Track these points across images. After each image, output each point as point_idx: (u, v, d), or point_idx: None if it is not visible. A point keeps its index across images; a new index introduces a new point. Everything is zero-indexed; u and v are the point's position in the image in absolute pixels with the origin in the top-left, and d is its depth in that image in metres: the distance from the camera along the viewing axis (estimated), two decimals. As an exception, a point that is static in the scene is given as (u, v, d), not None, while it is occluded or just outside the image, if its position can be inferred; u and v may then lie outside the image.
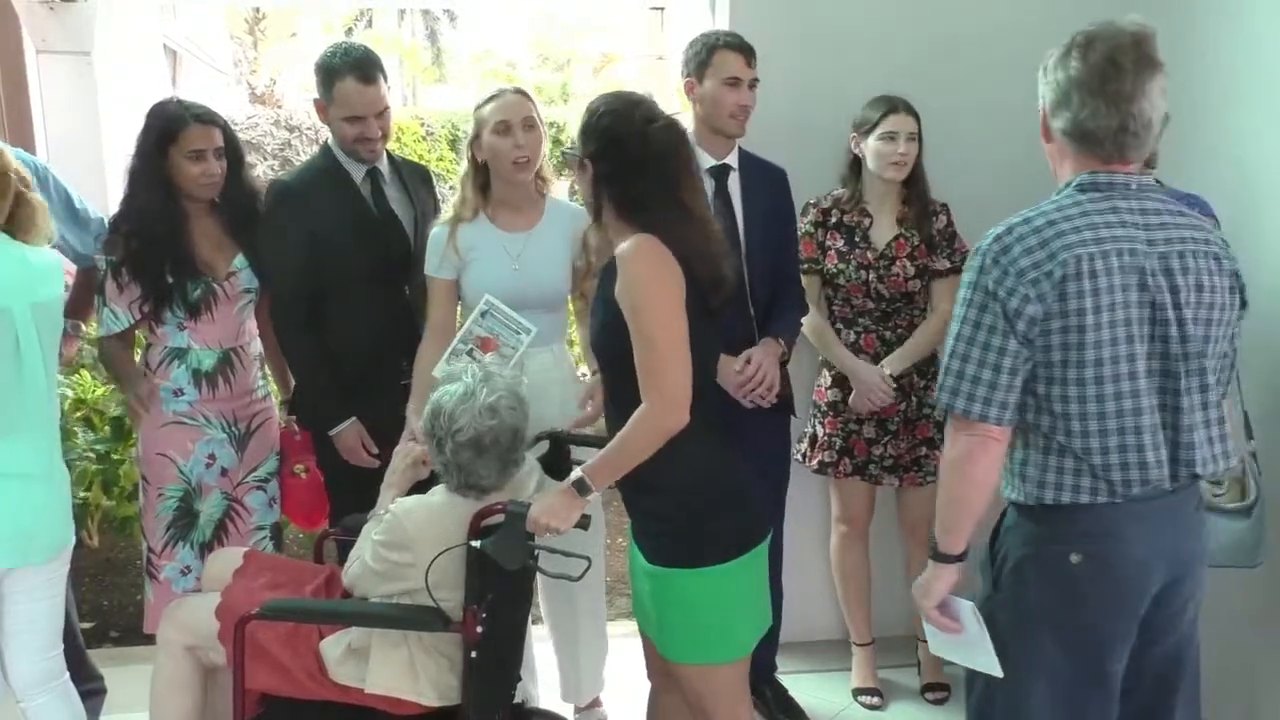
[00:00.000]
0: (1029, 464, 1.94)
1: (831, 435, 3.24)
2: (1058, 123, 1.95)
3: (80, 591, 3.88)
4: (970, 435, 1.90)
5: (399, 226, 2.96)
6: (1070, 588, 1.91)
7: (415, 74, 25.50)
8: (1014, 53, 3.38)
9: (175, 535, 2.92)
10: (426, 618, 2.24)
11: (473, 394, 2.27)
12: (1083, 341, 1.85)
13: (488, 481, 2.30)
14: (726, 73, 2.87)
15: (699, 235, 2.14)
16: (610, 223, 2.17)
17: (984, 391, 1.87)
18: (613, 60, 24.70)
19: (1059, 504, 1.91)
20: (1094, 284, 1.83)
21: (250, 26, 21.76)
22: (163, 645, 2.50)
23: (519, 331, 2.70)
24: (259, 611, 2.28)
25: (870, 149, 3.08)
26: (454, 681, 2.30)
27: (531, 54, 28.20)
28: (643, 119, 2.14)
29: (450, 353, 2.70)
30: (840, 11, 3.35)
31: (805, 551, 3.45)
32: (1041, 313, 1.84)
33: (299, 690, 2.34)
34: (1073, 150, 1.95)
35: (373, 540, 2.31)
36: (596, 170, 2.14)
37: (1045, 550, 1.94)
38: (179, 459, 2.90)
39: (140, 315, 2.84)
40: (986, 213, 3.11)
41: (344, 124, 2.83)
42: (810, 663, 3.50)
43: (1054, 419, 1.90)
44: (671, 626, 2.21)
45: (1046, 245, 1.85)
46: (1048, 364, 1.88)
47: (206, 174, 2.79)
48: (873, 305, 3.15)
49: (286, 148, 11.56)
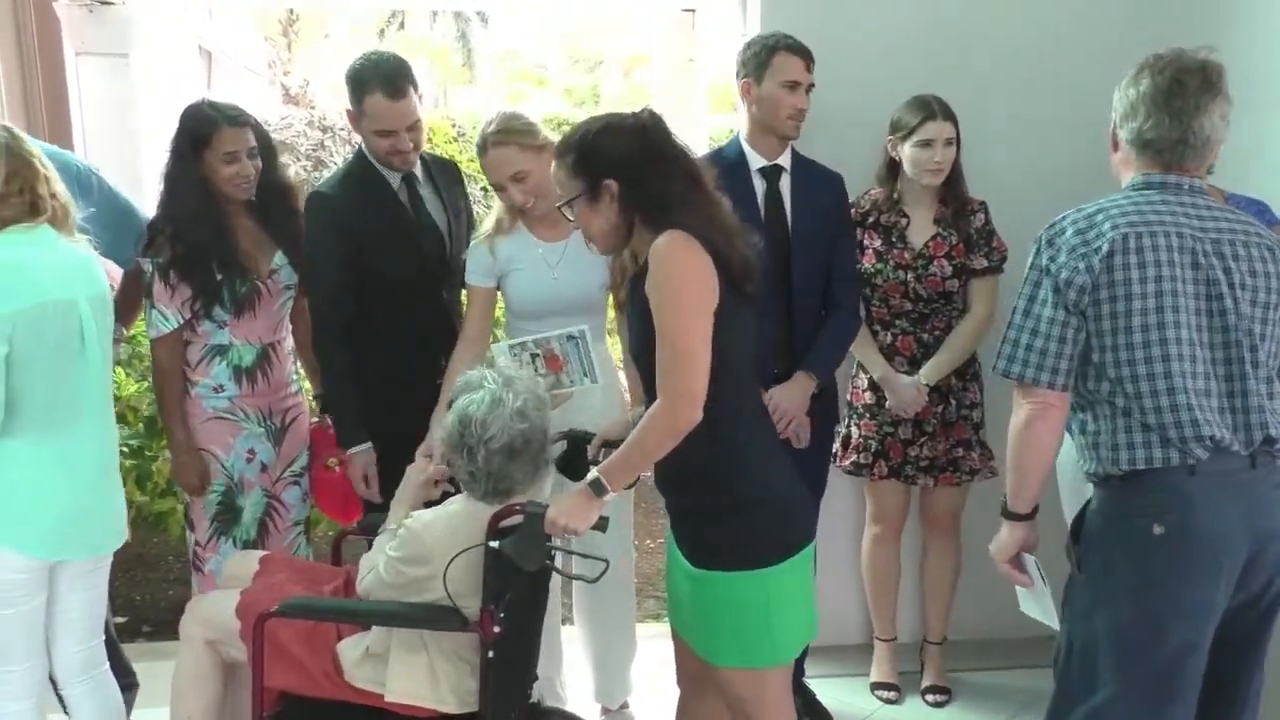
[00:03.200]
0: (1101, 433, 2.08)
1: (867, 437, 3.23)
2: (1124, 133, 2.14)
3: (113, 586, 3.88)
4: (1030, 401, 2.08)
5: (436, 231, 2.97)
6: (1154, 559, 2.01)
7: (446, 75, 25.60)
8: (1053, 51, 3.40)
9: (219, 529, 2.95)
10: (444, 617, 2.24)
11: (500, 400, 2.26)
12: (1130, 309, 2.00)
13: (519, 485, 2.29)
14: (786, 76, 2.86)
15: (721, 216, 2.12)
16: (640, 236, 2.11)
17: (1036, 358, 2.05)
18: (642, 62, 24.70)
19: (1134, 469, 2.02)
20: (1140, 258, 2.00)
21: (284, 28, 21.90)
22: (185, 640, 2.52)
23: (586, 375, 2.67)
24: (278, 609, 2.29)
25: (907, 154, 3.07)
26: (474, 687, 2.29)
27: (561, 56, 28.25)
28: (626, 119, 2.13)
29: (517, 344, 2.67)
30: (873, 12, 3.34)
31: (834, 554, 3.43)
32: (1090, 283, 2.02)
33: (316, 689, 2.35)
34: (1135, 158, 2.14)
35: (388, 555, 2.30)
36: (622, 188, 2.08)
37: (1128, 524, 2.04)
38: (221, 454, 2.92)
39: (191, 314, 2.85)
40: (1026, 211, 3.10)
41: (375, 137, 2.83)
42: (837, 667, 3.49)
43: (1111, 384, 2.05)
44: (717, 630, 2.18)
45: (1095, 226, 2.05)
46: (1099, 333, 2.04)
47: (241, 174, 2.81)
48: (910, 306, 3.13)
49: (320, 148, 11.63)
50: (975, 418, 3.22)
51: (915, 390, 3.09)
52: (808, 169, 3.01)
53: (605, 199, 2.10)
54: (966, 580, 3.37)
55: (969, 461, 3.20)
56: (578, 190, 2.13)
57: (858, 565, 3.46)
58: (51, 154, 2.78)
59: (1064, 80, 3.33)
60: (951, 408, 3.18)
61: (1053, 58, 3.39)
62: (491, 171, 2.76)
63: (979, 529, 3.28)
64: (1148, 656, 2.04)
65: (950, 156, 3.05)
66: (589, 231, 2.18)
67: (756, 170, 2.95)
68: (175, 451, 2.94)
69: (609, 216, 2.12)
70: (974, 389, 3.22)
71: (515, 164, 2.73)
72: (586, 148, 2.11)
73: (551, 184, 2.64)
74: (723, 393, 2.10)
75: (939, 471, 3.20)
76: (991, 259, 3.13)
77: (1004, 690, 3.40)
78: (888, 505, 3.31)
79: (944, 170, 3.06)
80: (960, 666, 3.46)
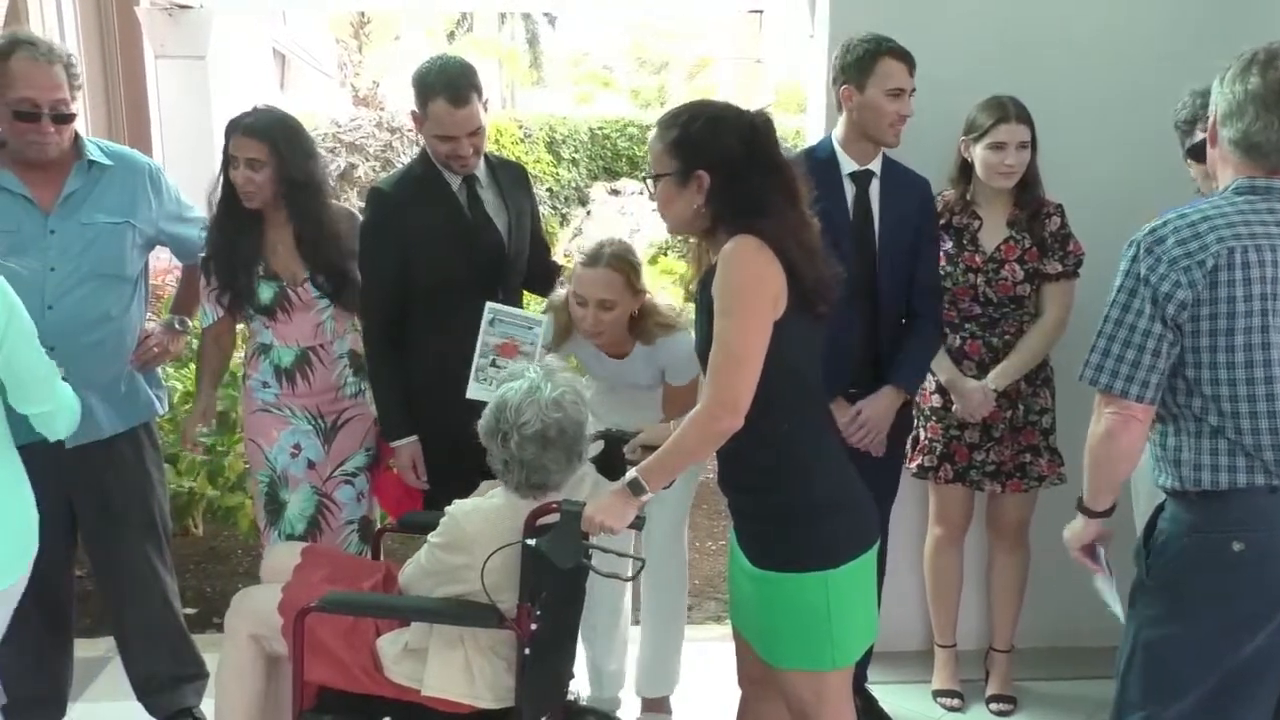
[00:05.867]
0: (1184, 449, 2.01)
1: (933, 440, 3.19)
2: (1227, 132, 2.02)
3: (185, 579, 4.01)
4: (1113, 412, 2.01)
5: (494, 232, 2.97)
6: (1232, 575, 1.96)
7: (514, 77, 25.81)
8: (1131, 48, 3.33)
9: (268, 520, 2.99)
10: (482, 614, 2.25)
11: (537, 388, 2.27)
12: (1232, 328, 1.93)
13: (554, 477, 2.29)
14: (891, 83, 2.80)
15: (808, 235, 2.10)
16: (719, 235, 2.08)
17: (1126, 369, 1.98)
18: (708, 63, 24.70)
19: (1217, 489, 1.96)
20: (1246, 274, 1.92)
21: (355, 30, 22.23)
22: (229, 633, 2.53)
23: (530, 326, 2.74)
24: (318, 604, 2.31)
25: (979, 156, 3.02)
26: (510, 683, 2.30)
27: (628, 57, 28.34)
28: (738, 114, 2.10)
29: (475, 370, 2.75)
30: (942, 11, 3.29)
31: (896, 559, 3.37)
32: (1192, 298, 1.94)
33: (354, 684, 2.36)
34: (1236, 159, 2.03)
35: (429, 543, 2.32)
36: (715, 180, 2.05)
37: (1206, 539, 1.99)
38: (264, 445, 2.96)
39: (223, 310, 2.94)
40: (1102, 214, 3.07)
41: (436, 141, 2.85)
42: (898, 673, 3.44)
43: (1205, 401, 1.98)
44: (779, 632, 2.17)
45: (1200, 236, 1.94)
46: (1196, 349, 1.96)
47: (244, 181, 2.82)
48: (979, 310, 3.09)
49: (388, 149, 11.79)
50: (1045, 423, 3.16)
51: (982, 395, 3.05)
52: (897, 173, 2.96)
53: (693, 187, 2.08)
54: (1033, 588, 3.31)
55: (1037, 468, 3.15)
56: (668, 169, 2.11)
57: (918, 570, 3.42)
58: (121, 153, 2.88)
59: (1144, 80, 3.26)
60: (1020, 413, 3.13)
61: (1131, 56, 3.32)
62: (585, 285, 2.76)
63: (1047, 536, 3.24)
64: (1220, 672, 2.00)
65: (1023, 160, 3.01)
66: (664, 210, 2.16)
67: (848, 174, 2.90)
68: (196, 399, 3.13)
69: (691, 204, 2.10)
70: (1045, 394, 3.16)
71: (612, 292, 2.75)
72: (691, 131, 2.08)
73: (623, 334, 2.76)
74: (793, 401, 2.10)
75: (1006, 477, 3.15)
76: (1067, 263, 3.07)
77: (1071, 700, 3.33)
78: (951, 508, 3.27)
79: (1016, 174, 3.01)
80: (1026, 675, 3.40)
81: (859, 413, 2.86)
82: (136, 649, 3.02)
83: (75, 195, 2.73)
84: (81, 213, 2.73)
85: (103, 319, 2.76)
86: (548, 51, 27.74)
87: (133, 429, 2.89)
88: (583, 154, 14.31)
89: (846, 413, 2.86)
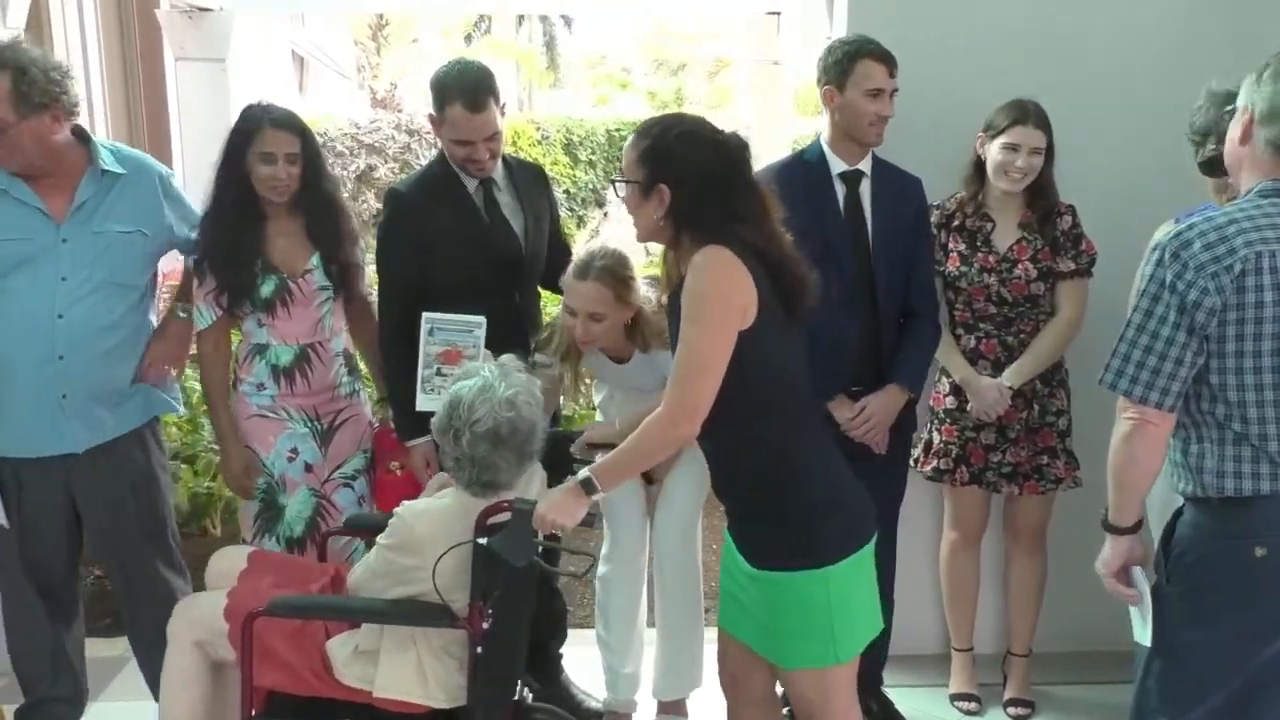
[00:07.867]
0: (1205, 456, 1.99)
1: (948, 443, 3.18)
2: (1266, 132, 1.97)
3: (201, 578, 4.01)
4: (1132, 418, 1.99)
5: (511, 234, 2.98)
6: (1254, 580, 1.95)
7: (531, 79, 25.85)
8: (1149, 52, 3.31)
9: (262, 527, 2.96)
10: (434, 613, 2.25)
11: (491, 386, 2.26)
12: (1260, 333, 1.91)
13: (504, 476, 2.29)
14: (870, 84, 2.83)
15: (777, 244, 2.12)
16: (688, 245, 2.10)
17: (1147, 376, 1.95)
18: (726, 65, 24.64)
19: (1240, 495, 1.95)
20: (1274, 279, 1.89)
21: (373, 33, 22.33)
22: (172, 640, 2.50)
23: (470, 329, 2.75)
24: (267, 608, 2.30)
25: (991, 153, 3.02)
26: (462, 682, 2.30)
27: (645, 59, 28.33)
28: (712, 132, 2.12)
29: (421, 382, 2.77)
30: (960, 13, 3.28)
31: (912, 562, 3.38)
32: (1220, 304, 1.90)
33: (304, 688, 2.36)
34: (1268, 160, 1.99)
35: (379, 544, 2.31)
36: (676, 195, 2.08)
37: (1227, 545, 1.98)
38: (261, 451, 2.93)
39: (221, 309, 2.88)
40: (1117, 214, 3.06)
41: (453, 145, 2.86)
42: (915, 676, 3.43)
43: (1229, 407, 1.95)
44: (781, 631, 2.18)
45: (1226, 241, 1.91)
46: (1222, 355, 1.94)
47: (274, 177, 2.80)
48: (994, 310, 3.08)
49: (406, 151, 11.85)
50: (1061, 425, 3.15)
51: (997, 392, 3.03)
52: (888, 174, 2.98)
53: (655, 200, 2.11)
54: (1051, 591, 3.30)
55: (1054, 470, 3.13)
56: (636, 177, 2.13)
57: (934, 573, 3.41)
58: (132, 159, 2.86)
59: (1159, 80, 3.24)
60: (1035, 413, 3.12)
61: (1144, 54, 3.30)
62: (574, 297, 2.77)
63: (1064, 539, 3.23)
64: (1240, 677, 1.99)
65: (1034, 166, 3.00)
66: (631, 216, 2.19)
67: (837, 175, 2.93)
68: (220, 440, 2.99)
69: (653, 215, 2.13)
70: (1060, 395, 3.15)
71: (601, 306, 2.75)
72: (661, 144, 2.10)
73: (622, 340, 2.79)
74: (783, 404, 2.12)
75: (1023, 479, 3.14)
76: (1080, 261, 3.06)
77: (1089, 705, 3.31)
78: (967, 511, 3.26)
79: (1026, 177, 3.00)
80: (1044, 679, 3.39)
81: (864, 408, 2.87)
82: (149, 649, 3.02)
83: (87, 204, 2.71)
84: (94, 222, 2.71)
85: (113, 326, 2.75)
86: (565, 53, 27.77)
87: (139, 430, 2.87)
88: (600, 156, 14.31)
89: (849, 409, 2.88)
